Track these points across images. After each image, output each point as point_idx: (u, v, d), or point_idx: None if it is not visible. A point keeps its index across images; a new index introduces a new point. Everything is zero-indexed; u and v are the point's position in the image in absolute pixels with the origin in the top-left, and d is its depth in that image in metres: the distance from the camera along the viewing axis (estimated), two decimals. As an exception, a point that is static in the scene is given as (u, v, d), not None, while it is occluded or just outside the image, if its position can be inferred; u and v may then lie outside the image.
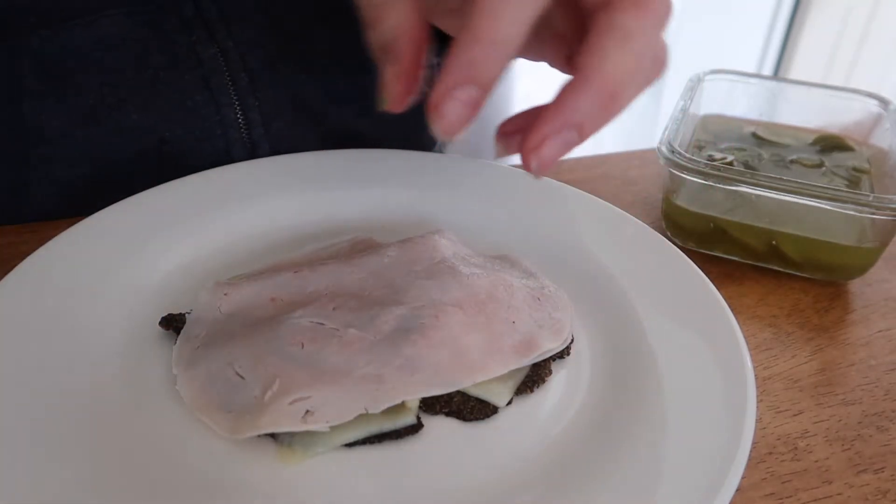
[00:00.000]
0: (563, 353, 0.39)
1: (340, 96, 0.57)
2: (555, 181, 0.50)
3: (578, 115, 0.27)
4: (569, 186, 0.50)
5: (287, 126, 0.55)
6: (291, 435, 0.34)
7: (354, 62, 0.55)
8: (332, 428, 0.33)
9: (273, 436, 0.34)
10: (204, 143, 0.53)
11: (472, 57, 0.26)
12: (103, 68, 0.49)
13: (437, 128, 0.28)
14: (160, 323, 0.39)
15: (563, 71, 0.37)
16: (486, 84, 0.27)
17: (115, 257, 0.43)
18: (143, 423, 0.35)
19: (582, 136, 0.28)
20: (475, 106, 0.27)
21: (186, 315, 0.40)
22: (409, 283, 0.40)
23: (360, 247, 0.45)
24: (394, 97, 0.31)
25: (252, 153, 0.54)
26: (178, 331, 0.39)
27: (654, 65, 0.30)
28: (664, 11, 0.29)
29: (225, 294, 0.40)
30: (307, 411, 0.33)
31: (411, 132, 0.56)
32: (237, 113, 0.52)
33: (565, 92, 0.28)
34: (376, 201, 0.50)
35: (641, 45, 0.28)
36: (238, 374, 0.35)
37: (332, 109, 0.57)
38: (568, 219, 0.43)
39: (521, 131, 0.30)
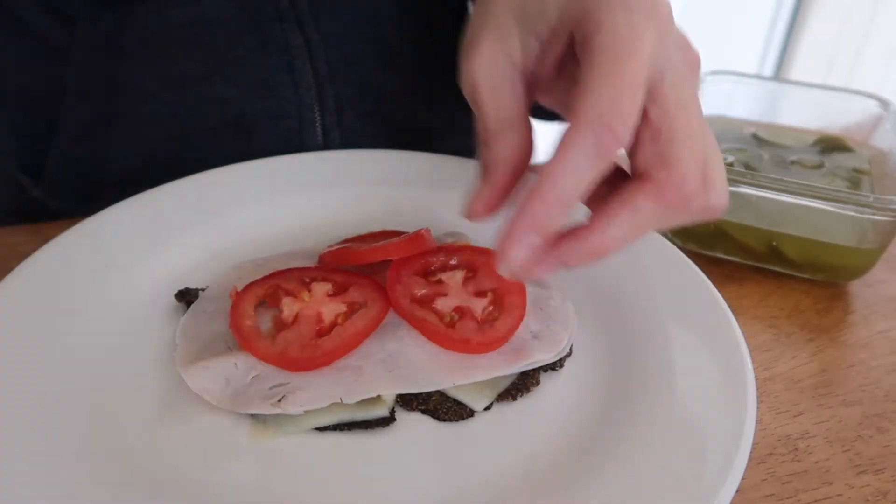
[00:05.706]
0: (555, 366, 0.38)
1: (414, 93, 0.62)
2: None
3: (569, 260, 0.31)
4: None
5: (359, 116, 0.59)
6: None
7: (430, 62, 0.60)
8: (306, 411, 0.34)
9: (252, 412, 0.35)
10: (279, 122, 0.56)
11: (536, 211, 0.29)
12: (198, 44, 0.53)
13: (504, 268, 0.30)
14: (175, 295, 0.41)
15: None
16: (547, 233, 0.30)
17: (115, 259, 0.43)
18: (143, 407, 0.35)
19: (566, 267, 0.31)
20: (536, 250, 0.30)
21: (201, 291, 0.41)
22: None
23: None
24: (475, 211, 0.34)
25: (324, 137, 0.58)
26: (189, 304, 0.40)
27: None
28: (681, 202, 0.30)
29: (240, 278, 0.41)
30: (283, 396, 0.34)
31: None
32: (314, 98, 0.56)
33: (565, 236, 0.31)
34: (393, 201, 0.51)
35: (646, 224, 0.31)
36: (229, 347, 0.37)
37: (405, 105, 0.62)
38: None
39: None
